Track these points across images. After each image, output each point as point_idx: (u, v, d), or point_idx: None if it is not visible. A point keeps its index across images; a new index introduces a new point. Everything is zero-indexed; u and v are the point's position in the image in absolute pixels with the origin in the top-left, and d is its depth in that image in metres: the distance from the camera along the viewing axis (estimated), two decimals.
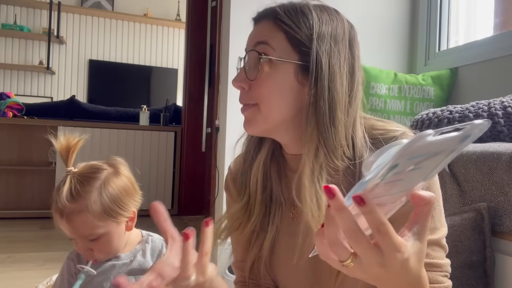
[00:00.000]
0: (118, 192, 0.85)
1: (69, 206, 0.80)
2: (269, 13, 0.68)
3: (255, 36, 0.68)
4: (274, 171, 0.74)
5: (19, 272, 1.93)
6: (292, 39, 0.65)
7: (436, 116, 1.38)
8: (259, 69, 0.65)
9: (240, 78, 0.67)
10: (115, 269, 0.90)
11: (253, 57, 0.66)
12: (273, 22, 0.66)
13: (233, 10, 1.85)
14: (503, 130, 1.20)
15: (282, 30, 0.65)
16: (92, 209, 0.81)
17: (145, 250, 0.93)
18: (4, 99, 3.25)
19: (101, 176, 0.84)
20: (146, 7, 5.22)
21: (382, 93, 1.90)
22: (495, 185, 0.96)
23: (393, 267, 0.41)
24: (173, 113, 3.82)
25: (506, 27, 1.78)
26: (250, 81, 0.66)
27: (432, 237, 0.62)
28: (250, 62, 0.67)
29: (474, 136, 0.38)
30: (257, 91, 0.66)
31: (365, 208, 0.39)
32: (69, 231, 0.82)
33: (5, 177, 3.24)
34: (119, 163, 0.90)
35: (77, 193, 0.80)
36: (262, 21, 0.68)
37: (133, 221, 0.90)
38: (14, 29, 4.64)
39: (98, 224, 0.82)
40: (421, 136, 0.35)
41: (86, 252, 0.84)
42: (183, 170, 3.54)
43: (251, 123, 0.68)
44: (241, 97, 0.69)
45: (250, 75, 0.66)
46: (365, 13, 2.08)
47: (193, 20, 3.44)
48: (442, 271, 0.62)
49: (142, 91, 5.23)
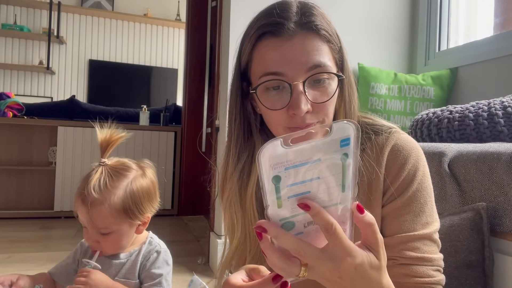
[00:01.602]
0: (141, 195, 0.87)
1: (94, 195, 0.82)
2: (304, 23, 0.61)
3: (306, 58, 0.60)
4: None
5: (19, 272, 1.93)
6: (333, 48, 0.64)
7: (436, 116, 1.38)
8: (335, 91, 0.63)
9: (306, 103, 0.60)
10: (112, 268, 0.91)
11: (319, 79, 0.62)
12: (317, 35, 0.62)
13: (233, 10, 1.85)
14: (503, 130, 1.20)
15: (326, 41, 0.63)
16: (114, 204, 0.83)
17: (140, 250, 0.93)
18: (4, 99, 3.24)
19: (130, 175, 0.88)
20: (146, 7, 5.22)
21: (382, 93, 1.90)
22: (495, 185, 0.96)
23: (347, 272, 0.42)
24: (173, 113, 3.82)
25: (506, 27, 1.78)
26: (314, 103, 0.62)
27: (423, 232, 0.63)
28: (311, 85, 0.62)
29: (355, 138, 0.41)
30: (327, 109, 0.63)
31: (311, 211, 0.41)
32: (85, 219, 0.84)
33: (5, 177, 3.24)
34: (147, 166, 0.93)
35: (104, 185, 0.83)
36: (299, 34, 0.61)
37: (145, 225, 0.92)
38: (14, 29, 4.64)
39: (114, 220, 0.84)
40: (271, 146, 0.39)
41: (93, 243, 0.86)
42: (183, 170, 3.54)
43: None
44: (299, 120, 0.62)
45: (320, 98, 0.62)
46: (365, 13, 2.08)
47: (193, 20, 3.44)
48: (433, 265, 0.63)
49: (142, 91, 5.23)
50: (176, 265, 2.12)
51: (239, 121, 0.70)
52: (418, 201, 0.65)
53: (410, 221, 0.64)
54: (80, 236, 2.68)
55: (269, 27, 0.61)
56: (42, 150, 3.33)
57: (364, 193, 0.67)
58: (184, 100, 3.64)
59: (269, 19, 0.62)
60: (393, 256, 0.63)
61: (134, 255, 0.92)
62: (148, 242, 0.95)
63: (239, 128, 0.71)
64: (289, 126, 0.63)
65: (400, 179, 0.66)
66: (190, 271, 1.93)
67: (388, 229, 0.66)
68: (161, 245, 0.95)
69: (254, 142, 0.72)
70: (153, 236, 0.97)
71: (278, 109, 0.62)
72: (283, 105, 0.61)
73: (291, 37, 0.60)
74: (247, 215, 0.70)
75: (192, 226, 3.10)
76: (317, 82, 0.61)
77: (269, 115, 0.65)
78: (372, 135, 0.68)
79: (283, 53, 0.60)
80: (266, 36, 0.62)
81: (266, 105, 0.63)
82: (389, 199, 0.66)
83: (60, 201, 3.24)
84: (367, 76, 1.92)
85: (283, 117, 0.62)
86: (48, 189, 3.29)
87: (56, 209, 3.22)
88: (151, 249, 0.93)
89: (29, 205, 3.27)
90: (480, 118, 1.25)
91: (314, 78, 0.61)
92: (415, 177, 0.66)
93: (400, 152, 0.66)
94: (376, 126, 0.70)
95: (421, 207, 0.65)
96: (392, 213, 0.66)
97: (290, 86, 0.60)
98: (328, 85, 0.62)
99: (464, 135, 1.28)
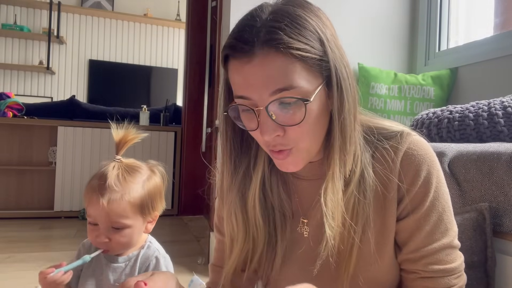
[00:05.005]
0: (156, 191, 0.89)
1: (115, 188, 0.82)
2: (265, 41, 0.54)
3: (267, 81, 0.54)
4: (276, 185, 0.70)
5: (19, 272, 1.93)
6: (309, 62, 0.55)
7: (436, 116, 1.38)
8: (305, 115, 0.56)
9: (272, 129, 0.57)
10: (112, 272, 0.90)
11: (284, 104, 0.56)
12: (281, 54, 0.53)
13: (233, 10, 1.85)
14: (503, 130, 1.20)
15: (296, 58, 0.54)
16: (133, 198, 0.84)
17: (139, 255, 0.92)
18: (4, 99, 3.24)
19: (144, 172, 0.90)
20: (146, 7, 5.22)
21: (382, 93, 1.90)
22: (495, 185, 0.96)
23: None
24: (173, 113, 3.82)
25: (506, 27, 1.78)
26: (285, 126, 0.57)
27: (444, 242, 0.64)
28: (280, 109, 0.57)
29: None
30: (297, 132, 0.58)
31: None
32: (100, 213, 0.83)
33: (5, 177, 3.24)
34: (157, 166, 0.94)
35: (123, 180, 0.84)
36: (258, 55, 0.54)
37: (153, 224, 0.93)
38: (14, 29, 4.64)
39: (131, 215, 0.85)
40: None
41: (103, 240, 0.85)
42: (183, 170, 3.54)
43: (297, 164, 0.62)
44: (270, 144, 0.60)
45: (289, 120, 0.57)
46: (365, 13, 2.08)
47: (193, 20, 3.44)
48: (455, 273, 0.64)
49: (142, 91, 5.23)
50: (176, 265, 2.11)
51: (231, 133, 0.67)
52: (437, 210, 0.64)
53: (431, 232, 0.64)
54: (80, 236, 2.69)
55: (230, 50, 0.57)
56: (42, 150, 3.33)
57: (378, 205, 0.65)
58: (184, 100, 3.64)
59: (230, 39, 0.57)
60: (415, 269, 0.65)
61: (132, 259, 0.91)
62: (147, 246, 0.93)
63: (231, 140, 0.67)
64: (267, 148, 0.62)
65: (416, 187, 0.63)
66: (190, 271, 1.93)
67: (409, 242, 0.65)
68: (159, 250, 0.94)
69: (251, 149, 0.69)
70: (152, 241, 0.95)
71: (251, 130, 0.60)
72: (255, 127, 0.59)
73: (250, 59, 0.54)
74: (250, 223, 0.68)
75: (192, 226, 3.10)
76: (287, 104, 0.56)
77: (250, 132, 0.63)
78: (383, 142, 0.65)
79: (244, 77, 0.56)
80: (230, 57, 0.58)
81: (241, 125, 0.62)
82: (405, 210, 0.64)
83: (60, 201, 3.24)
84: (367, 76, 1.92)
85: (259, 138, 0.60)
86: (48, 189, 3.29)
87: (56, 209, 3.22)
88: (150, 254, 0.92)
89: (29, 205, 3.27)
90: (480, 118, 1.24)
91: (281, 101, 0.55)
92: (431, 184, 0.63)
93: (415, 158, 0.63)
94: (385, 131, 0.66)
95: (440, 215, 0.64)
96: (412, 225, 0.65)
97: (254, 111, 0.57)
98: (298, 108, 0.56)
99: (464, 135, 1.28)
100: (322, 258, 0.62)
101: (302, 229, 0.70)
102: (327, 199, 0.60)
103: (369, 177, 0.63)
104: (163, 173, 0.95)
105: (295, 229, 0.70)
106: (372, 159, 0.65)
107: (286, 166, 0.62)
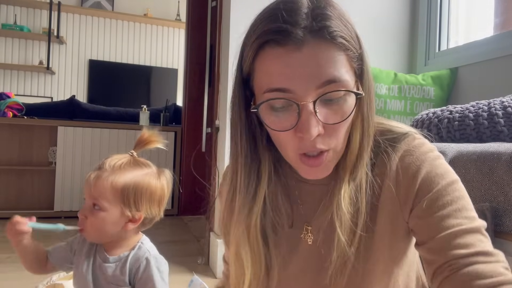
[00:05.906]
0: (144, 191, 0.90)
1: (106, 169, 0.88)
2: (316, 28, 0.50)
3: (317, 72, 0.50)
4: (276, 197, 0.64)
5: (19, 272, 1.93)
6: (350, 55, 0.53)
7: (436, 116, 1.38)
8: (352, 111, 0.53)
9: (316, 127, 0.51)
10: (105, 272, 0.90)
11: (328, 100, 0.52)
12: (332, 43, 0.50)
13: (233, 10, 1.85)
14: (503, 130, 1.20)
15: (343, 50, 0.51)
16: (116, 181, 0.87)
17: (128, 256, 0.91)
18: (4, 99, 3.24)
19: (145, 170, 0.92)
20: (146, 7, 5.22)
21: (382, 93, 1.90)
22: (495, 185, 0.96)
23: None
24: (173, 113, 3.82)
25: (506, 27, 1.78)
26: (327, 124, 0.53)
27: (470, 225, 0.53)
28: (323, 104, 0.52)
29: None
30: (337, 131, 0.53)
31: None
32: (86, 187, 0.89)
33: (5, 177, 3.24)
34: (165, 174, 0.96)
35: (118, 166, 0.88)
36: (310, 43, 0.50)
37: (134, 224, 0.90)
38: (14, 29, 4.64)
39: (108, 197, 0.87)
40: None
41: (82, 216, 0.89)
42: (183, 170, 3.54)
43: (329, 169, 0.57)
44: (307, 146, 0.53)
45: (333, 118, 0.52)
46: (365, 13, 2.08)
47: (193, 20, 3.44)
48: (498, 261, 0.53)
49: (142, 91, 5.23)
50: (176, 265, 2.12)
51: (246, 138, 0.60)
52: (450, 195, 0.55)
53: (448, 215, 0.53)
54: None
55: (273, 35, 0.50)
56: (42, 150, 3.33)
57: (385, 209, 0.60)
58: (184, 100, 3.64)
59: (273, 24, 0.51)
60: (443, 263, 0.51)
61: (122, 260, 0.90)
62: (138, 247, 0.92)
63: (246, 146, 0.60)
64: (300, 152, 0.55)
65: (416, 187, 0.57)
66: (190, 271, 1.93)
67: (424, 234, 0.55)
68: (151, 251, 0.92)
69: (259, 160, 0.61)
70: (144, 242, 0.94)
71: (284, 130, 0.53)
72: (291, 126, 0.52)
73: (299, 47, 0.49)
74: (251, 246, 0.62)
75: (192, 226, 3.10)
76: (330, 100, 0.52)
77: (276, 136, 0.56)
78: (391, 153, 0.60)
79: (290, 66, 0.50)
80: (270, 44, 0.51)
81: (271, 125, 0.54)
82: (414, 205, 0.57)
83: (60, 201, 3.23)
84: None
85: (291, 140, 0.54)
86: (48, 189, 3.29)
87: (56, 209, 3.22)
88: (140, 256, 0.90)
89: (29, 205, 3.27)
90: (480, 118, 1.25)
91: (327, 96, 0.51)
92: (433, 183, 0.56)
93: (414, 159, 0.59)
94: (392, 137, 0.61)
95: (457, 200, 0.55)
96: (421, 216, 0.55)
97: (298, 106, 0.51)
98: (343, 103, 0.52)
99: (464, 135, 1.28)
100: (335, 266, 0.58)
101: (306, 237, 0.65)
102: (342, 205, 0.56)
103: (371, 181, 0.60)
104: (168, 181, 0.95)
105: (298, 237, 0.66)
106: (374, 160, 0.62)
107: (315, 173, 0.56)
